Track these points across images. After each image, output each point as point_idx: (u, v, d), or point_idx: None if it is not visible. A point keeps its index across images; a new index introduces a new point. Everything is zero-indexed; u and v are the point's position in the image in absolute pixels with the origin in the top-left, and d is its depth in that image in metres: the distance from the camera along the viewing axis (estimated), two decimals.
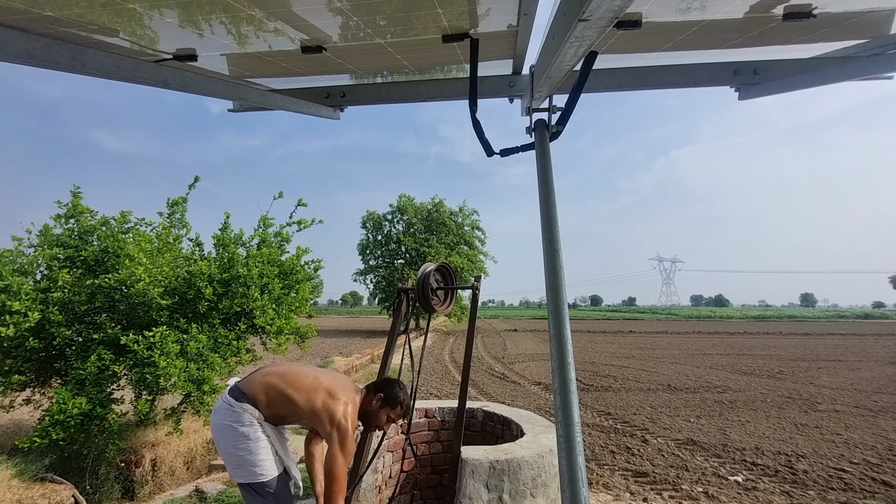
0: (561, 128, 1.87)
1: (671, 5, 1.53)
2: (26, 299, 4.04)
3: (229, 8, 1.47)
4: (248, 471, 1.98)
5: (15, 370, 4.13)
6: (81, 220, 4.74)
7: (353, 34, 1.74)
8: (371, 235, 29.46)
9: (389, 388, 2.24)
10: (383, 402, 2.21)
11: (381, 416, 2.22)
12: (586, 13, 1.03)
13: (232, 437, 2.00)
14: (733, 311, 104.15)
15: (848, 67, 2.02)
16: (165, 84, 1.87)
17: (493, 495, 2.59)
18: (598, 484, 4.50)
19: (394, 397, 2.22)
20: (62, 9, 1.42)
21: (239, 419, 2.00)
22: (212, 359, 4.50)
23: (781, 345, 20.91)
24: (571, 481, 1.13)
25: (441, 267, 3.07)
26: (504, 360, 14.25)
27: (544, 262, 1.50)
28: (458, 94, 2.30)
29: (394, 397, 2.22)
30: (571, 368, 1.30)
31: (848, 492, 4.37)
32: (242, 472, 2.00)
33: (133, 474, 4.38)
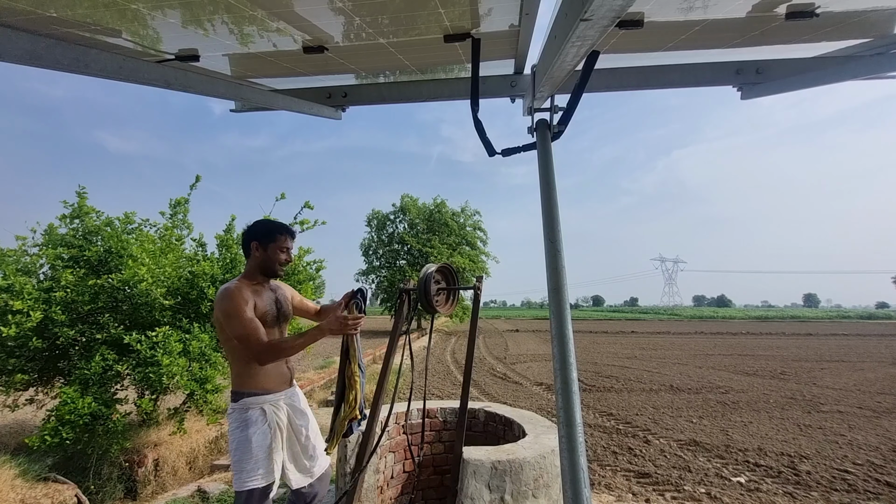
0: (563, 128, 1.86)
1: (673, 5, 1.53)
2: (28, 299, 4.06)
3: (231, 8, 1.47)
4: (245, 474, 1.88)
5: (18, 369, 4.15)
6: (87, 220, 4.76)
7: (356, 34, 1.74)
8: (375, 234, 29.49)
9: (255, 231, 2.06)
10: (261, 244, 2.03)
11: (272, 254, 2.04)
12: (588, 13, 1.03)
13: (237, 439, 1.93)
14: (736, 311, 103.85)
15: (851, 67, 2.01)
16: (168, 84, 1.87)
17: (494, 496, 2.59)
18: (601, 485, 4.49)
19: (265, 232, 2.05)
20: (66, 9, 1.43)
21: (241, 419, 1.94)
22: (214, 358, 4.52)
23: (784, 345, 20.83)
24: (573, 482, 1.13)
25: (443, 267, 3.06)
26: (506, 361, 14.23)
27: (546, 262, 1.49)
28: (459, 93, 2.30)
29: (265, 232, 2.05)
30: (573, 369, 1.29)
31: (851, 493, 4.34)
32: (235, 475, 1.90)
33: (136, 474, 4.39)
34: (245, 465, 1.88)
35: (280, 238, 2.06)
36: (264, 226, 2.08)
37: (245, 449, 1.89)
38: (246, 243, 2.07)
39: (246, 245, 2.07)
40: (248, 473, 1.87)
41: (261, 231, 2.06)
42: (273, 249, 2.05)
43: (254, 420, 1.93)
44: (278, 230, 2.07)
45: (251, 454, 1.89)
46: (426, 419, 3.58)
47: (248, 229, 2.09)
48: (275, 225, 2.09)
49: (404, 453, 3.36)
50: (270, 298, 2.07)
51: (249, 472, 1.88)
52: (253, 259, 2.06)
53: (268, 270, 2.08)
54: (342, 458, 2.76)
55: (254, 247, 2.04)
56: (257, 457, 1.89)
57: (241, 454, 1.89)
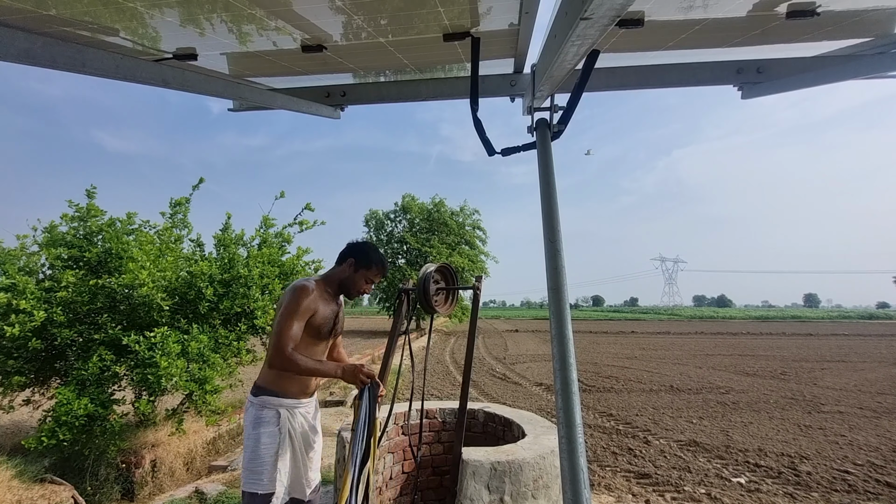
0: (562, 127, 1.86)
1: (673, 4, 1.52)
2: (31, 298, 4.05)
3: (230, 7, 1.47)
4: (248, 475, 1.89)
5: (16, 370, 4.14)
6: (91, 221, 4.75)
7: (354, 33, 1.73)
8: (373, 234, 29.51)
9: (359, 250, 2.10)
10: (356, 265, 2.08)
11: (358, 279, 2.09)
12: (588, 12, 1.02)
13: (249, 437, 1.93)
14: (736, 311, 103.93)
15: (851, 66, 2.01)
16: (165, 83, 1.86)
17: (494, 497, 2.58)
18: (600, 485, 4.48)
19: (366, 256, 2.08)
20: (64, 8, 1.42)
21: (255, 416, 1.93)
22: (213, 359, 4.51)
23: (785, 345, 20.83)
24: (573, 483, 1.12)
25: (442, 267, 3.06)
26: (505, 361, 14.22)
27: (546, 261, 1.48)
28: (459, 93, 2.29)
29: (366, 256, 2.08)
30: (573, 369, 1.28)
31: (852, 493, 4.34)
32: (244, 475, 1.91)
33: (133, 475, 4.38)
34: (253, 466, 1.90)
35: (374, 270, 2.12)
36: (369, 252, 2.12)
37: (254, 448, 1.91)
38: (344, 255, 2.12)
39: (343, 256, 2.12)
40: (255, 475, 1.89)
41: (363, 255, 2.10)
42: (362, 275, 2.10)
43: (266, 420, 1.93)
44: (378, 264, 2.12)
45: (259, 456, 1.90)
46: (425, 420, 3.57)
47: (355, 246, 2.14)
48: (378, 258, 2.13)
49: (403, 454, 3.35)
50: (333, 311, 2.08)
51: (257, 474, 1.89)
52: (340, 271, 2.10)
53: (345, 289, 2.12)
54: (340, 458, 2.75)
55: (349, 262, 2.09)
56: (264, 461, 1.90)
57: (250, 453, 1.91)
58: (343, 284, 2.10)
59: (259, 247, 5.55)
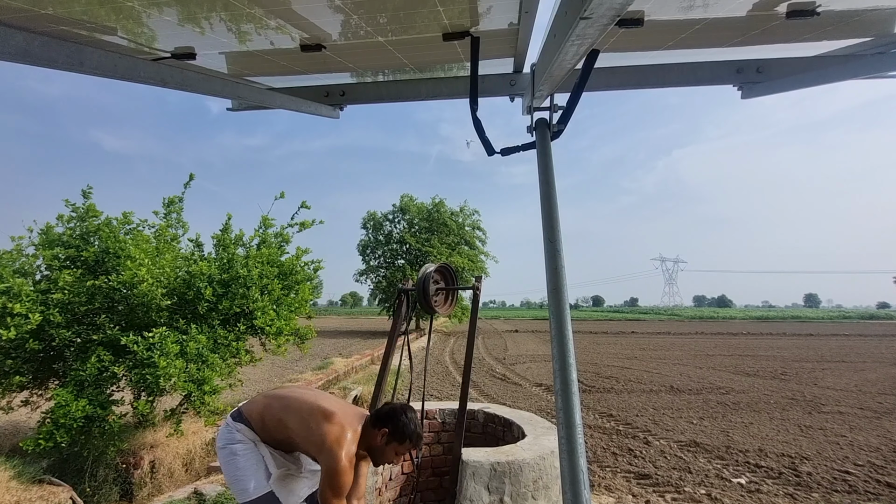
0: (562, 127, 1.85)
1: (673, 3, 1.52)
2: (27, 301, 4.03)
3: (228, 6, 1.46)
4: (236, 489, 1.95)
5: (14, 371, 4.12)
6: (88, 221, 4.74)
7: (353, 32, 1.73)
8: (371, 236, 29.50)
9: (395, 421, 1.94)
10: (389, 436, 1.93)
11: (388, 451, 1.96)
12: (588, 11, 1.02)
13: (225, 456, 1.98)
14: (736, 311, 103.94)
15: (851, 66, 2.00)
16: (164, 83, 1.86)
17: (494, 497, 2.57)
18: (600, 486, 4.47)
19: (400, 430, 1.93)
20: (61, 7, 1.41)
21: (231, 438, 1.99)
22: (211, 359, 4.49)
23: (785, 346, 20.83)
24: (573, 483, 1.12)
25: (442, 267, 3.05)
26: (505, 361, 14.22)
27: (545, 262, 1.48)
28: (458, 92, 2.29)
29: (400, 430, 1.93)
30: (573, 369, 1.28)
31: (852, 494, 4.33)
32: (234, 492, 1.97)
33: (132, 476, 4.36)
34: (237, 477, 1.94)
35: (405, 446, 2.00)
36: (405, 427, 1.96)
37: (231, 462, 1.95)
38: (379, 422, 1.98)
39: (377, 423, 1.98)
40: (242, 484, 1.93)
41: (399, 429, 1.95)
42: (393, 448, 1.98)
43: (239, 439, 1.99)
44: (412, 440, 1.99)
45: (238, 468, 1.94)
46: (425, 420, 3.56)
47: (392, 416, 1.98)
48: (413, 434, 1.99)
49: None
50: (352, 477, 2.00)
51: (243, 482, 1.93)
52: (372, 437, 1.96)
53: (372, 456, 2.02)
54: None
55: (382, 433, 1.95)
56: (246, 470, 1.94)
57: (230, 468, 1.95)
58: (371, 451, 1.99)
59: (258, 247, 5.54)
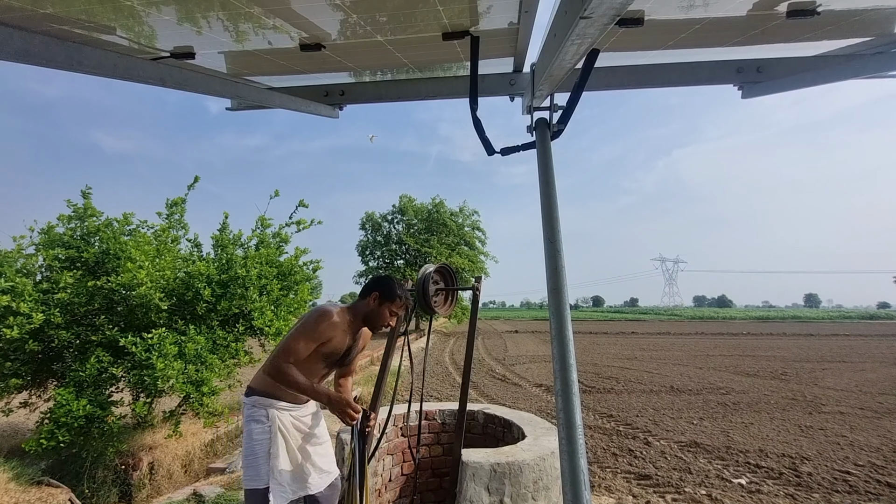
0: (562, 127, 1.85)
1: (674, 3, 1.51)
2: (30, 300, 4.03)
3: (227, 5, 1.46)
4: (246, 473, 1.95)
5: (13, 373, 4.12)
6: (88, 222, 4.74)
7: (353, 32, 1.72)
8: (370, 236, 29.51)
9: (383, 285, 2.13)
10: (380, 298, 2.10)
11: (383, 312, 2.11)
12: (588, 11, 1.01)
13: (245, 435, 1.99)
14: (736, 311, 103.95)
15: (852, 66, 2.00)
16: (163, 82, 1.85)
17: (494, 498, 2.56)
18: (601, 487, 4.47)
19: (390, 291, 2.11)
20: (60, 6, 1.41)
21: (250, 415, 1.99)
22: (210, 360, 4.49)
23: (785, 346, 20.83)
24: (573, 484, 1.11)
25: (441, 268, 3.04)
26: (505, 362, 14.21)
27: (545, 262, 1.48)
28: (458, 92, 2.28)
29: (390, 291, 2.11)
30: (573, 370, 1.27)
31: (853, 494, 4.33)
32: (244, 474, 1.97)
33: (131, 477, 4.36)
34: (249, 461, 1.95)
35: (398, 303, 2.14)
36: (391, 286, 2.14)
37: (248, 445, 1.96)
38: (368, 290, 2.15)
39: (367, 290, 2.15)
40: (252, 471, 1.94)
41: (386, 288, 2.13)
42: (386, 308, 2.12)
43: (256, 417, 1.99)
44: (401, 297, 2.15)
45: (253, 452, 1.95)
46: (424, 421, 3.56)
47: (377, 281, 2.17)
48: (402, 291, 2.16)
49: (403, 456, 3.33)
50: (346, 344, 2.12)
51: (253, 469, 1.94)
52: (365, 305, 2.12)
53: (369, 323, 2.15)
54: (339, 460, 2.73)
55: (373, 296, 2.11)
56: (258, 456, 1.95)
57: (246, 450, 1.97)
58: (367, 317, 2.12)
59: (256, 247, 5.54)
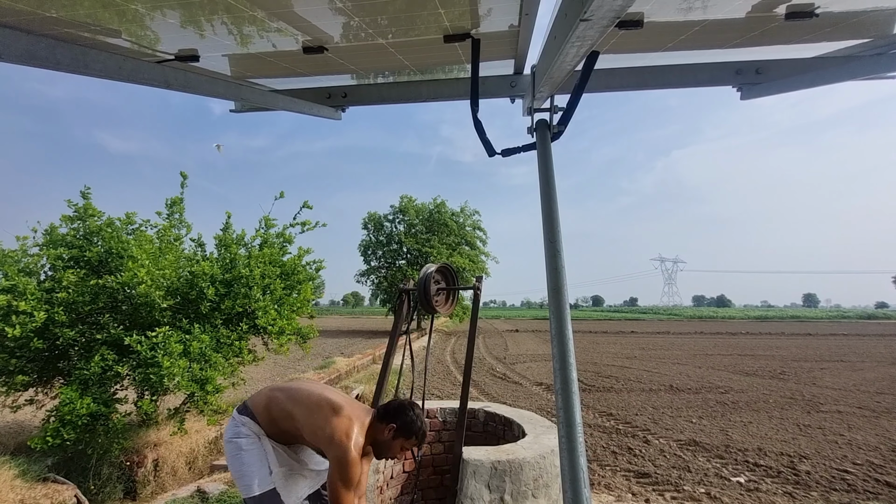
0: (562, 128, 1.87)
1: (673, 5, 1.53)
2: (32, 299, 4.06)
3: (231, 8, 1.47)
4: (240, 484, 1.97)
5: (19, 370, 4.14)
6: (90, 221, 4.76)
7: (355, 34, 1.74)
8: (372, 236, 29.51)
9: (404, 417, 1.98)
10: (397, 431, 1.97)
11: (395, 446, 2.00)
12: (588, 13, 1.03)
13: (231, 450, 2.00)
14: (735, 311, 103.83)
15: (850, 67, 2.01)
16: (167, 84, 1.87)
17: (494, 496, 2.59)
18: (600, 485, 4.49)
19: (409, 426, 1.97)
20: (66, 10, 1.43)
21: (237, 432, 2.00)
22: (214, 359, 4.51)
23: (784, 345, 20.83)
24: (573, 482, 1.13)
25: (442, 267, 3.06)
26: (505, 361, 14.23)
27: (546, 262, 1.49)
28: (459, 94, 2.30)
29: (409, 426, 1.97)
30: (573, 369, 1.29)
31: (851, 493, 4.35)
32: (238, 486, 1.99)
33: (135, 474, 4.39)
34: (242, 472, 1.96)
35: (411, 443, 2.04)
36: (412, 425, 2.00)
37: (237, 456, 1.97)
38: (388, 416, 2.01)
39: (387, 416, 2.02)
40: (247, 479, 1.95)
41: (407, 425, 1.99)
42: (399, 444, 2.01)
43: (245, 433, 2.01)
44: (417, 437, 2.03)
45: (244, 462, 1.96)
46: (426, 419, 3.58)
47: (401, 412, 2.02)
48: (420, 431, 2.04)
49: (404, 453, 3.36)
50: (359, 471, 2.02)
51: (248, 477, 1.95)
52: (379, 431, 1.99)
53: (376, 449, 2.04)
54: None
55: (389, 427, 1.98)
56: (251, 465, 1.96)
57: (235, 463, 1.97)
58: (377, 445, 2.01)
59: (260, 247, 5.56)
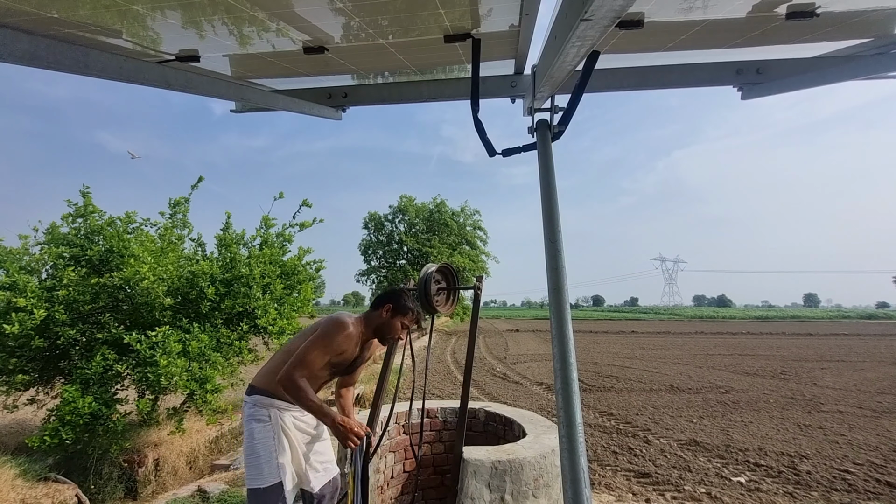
0: (563, 128, 1.86)
1: (673, 5, 1.53)
2: (32, 297, 4.06)
3: (231, 9, 1.47)
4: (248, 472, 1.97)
5: (19, 369, 4.15)
6: (90, 220, 4.77)
7: (355, 35, 1.74)
8: (373, 236, 29.52)
9: (396, 298, 2.15)
10: (393, 311, 2.13)
11: (395, 324, 2.13)
12: (588, 13, 1.03)
13: (245, 434, 2.00)
14: (736, 311, 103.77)
15: (851, 67, 2.01)
16: (168, 85, 1.87)
17: (495, 496, 2.59)
18: (601, 485, 4.49)
19: (402, 304, 2.14)
20: (66, 10, 1.43)
21: (251, 415, 2.00)
22: (214, 358, 4.52)
23: (784, 345, 20.83)
24: (574, 482, 1.13)
25: (443, 267, 3.07)
26: (506, 361, 14.23)
27: (546, 262, 1.49)
28: (459, 94, 2.30)
29: (402, 304, 2.14)
30: (573, 369, 1.29)
31: (852, 493, 4.35)
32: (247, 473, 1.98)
33: (136, 474, 4.39)
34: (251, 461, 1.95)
35: (410, 317, 2.17)
36: (403, 299, 2.16)
37: (250, 444, 1.97)
38: (380, 302, 2.17)
39: (379, 302, 2.17)
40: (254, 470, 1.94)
41: (398, 301, 2.15)
42: (398, 321, 2.14)
43: (258, 417, 2.00)
44: (413, 310, 2.18)
45: (255, 451, 1.95)
46: (426, 419, 3.58)
47: (392, 293, 2.20)
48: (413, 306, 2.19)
49: (405, 453, 3.36)
50: (354, 354, 2.14)
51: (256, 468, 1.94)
52: (377, 316, 2.14)
53: (380, 334, 2.17)
54: (341, 457, 2.76)
55: (385, 308, 2.13)
56: (260, 455, 1.95)
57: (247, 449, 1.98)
58: (379, 329, 2.14)
59: (260, 247, 5.57)
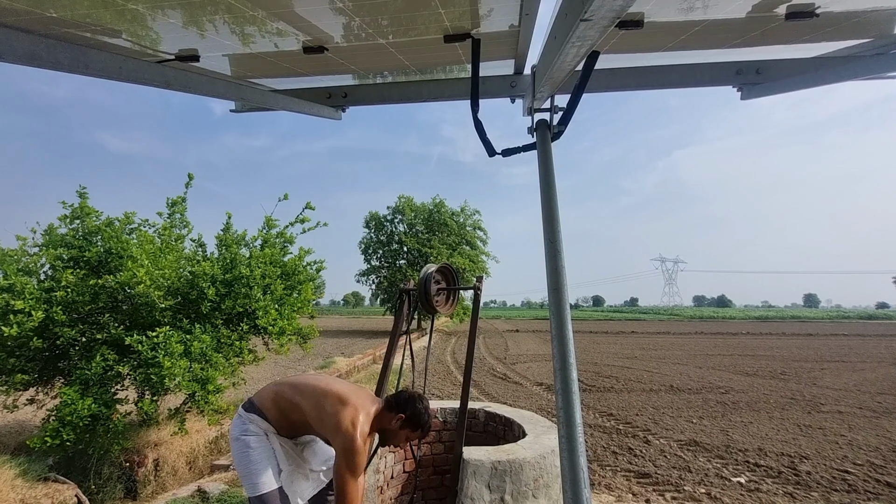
0: (563, 128, 1.87)
1: (673, 5, 1.53)
2: (30, 298, 4.06)
3: (231, 8, 1.47)
4: (246, 483, 1.96)
5: (18, 369, 4.15)
6: (87, 221, 4.77)
7: (355, 34, 1.74)
8: (374, 235, 29.53)
9: (412, 407, 2.04)
10: (404, 422, 2.03)
11: (400, 435, 2.07)
12: (588, 13, 1.03)
13: (238, 448, 1.99)
14: (736, 311, 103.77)
15: (851, 67, 2.01)
16: (168, 84, 1.87)
17: (494, 496, 2.59)
18: (601, 485, 4.49)
19: (416, 419, 2.04)
20: (66, 10, 1.43)
21: (245, 430, 1.99)
22: (215, 358, 4.52)
23: (784, 345, 20.81)
24: (573, 482, 1.13)
25: (443, 268, 3.07)
26: (506, 361, 14.23)
27: (546, 262, 1.49)
28: (459, 94, 2.30)
29: (416, 419, 2.04)
30: (573, 369, 1.29)
31: (852, 493, 4.34)
32: (244, 484, 1.98)
33: (136, 474, 4.39)
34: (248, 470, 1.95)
35: (416, 434, 2.10)
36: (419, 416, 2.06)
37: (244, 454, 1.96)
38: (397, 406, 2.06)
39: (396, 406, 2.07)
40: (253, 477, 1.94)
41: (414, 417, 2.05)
42: (405, 434, 2.08)
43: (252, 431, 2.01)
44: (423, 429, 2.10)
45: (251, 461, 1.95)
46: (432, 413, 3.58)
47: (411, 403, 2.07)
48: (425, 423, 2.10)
49: (404, 453, 3.36)
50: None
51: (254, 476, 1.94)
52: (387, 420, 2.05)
53: (382, 437, 2.12)
54: None
55: (397, 417, 2.04)
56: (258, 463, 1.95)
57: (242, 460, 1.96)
58: (383, 432, 2.09)
59: (261, 247, 5.56)
